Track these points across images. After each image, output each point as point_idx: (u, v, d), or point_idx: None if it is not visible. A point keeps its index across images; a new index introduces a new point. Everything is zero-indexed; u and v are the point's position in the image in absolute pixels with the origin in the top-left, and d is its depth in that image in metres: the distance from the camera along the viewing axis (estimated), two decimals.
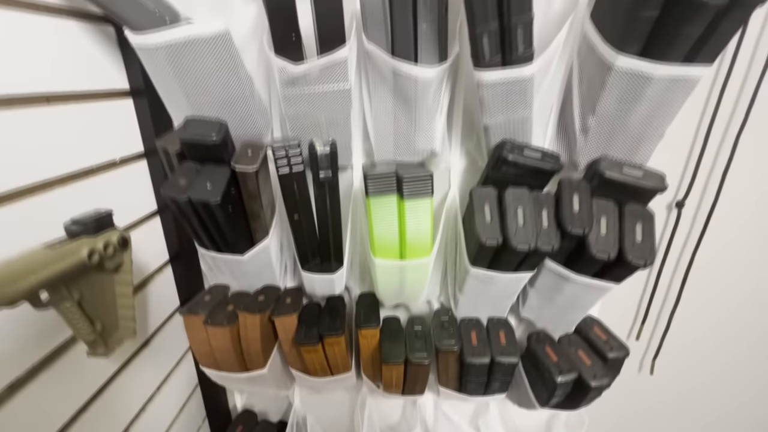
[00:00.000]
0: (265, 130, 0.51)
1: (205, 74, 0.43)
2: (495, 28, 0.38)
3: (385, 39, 0.43)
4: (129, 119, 0.53)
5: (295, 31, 0.41)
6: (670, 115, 0.42)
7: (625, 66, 0.39)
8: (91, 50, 0.46)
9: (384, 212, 0.44)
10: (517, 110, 0.43)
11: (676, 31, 0.36)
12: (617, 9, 0.38)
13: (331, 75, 0.44)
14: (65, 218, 0.39)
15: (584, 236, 0.43)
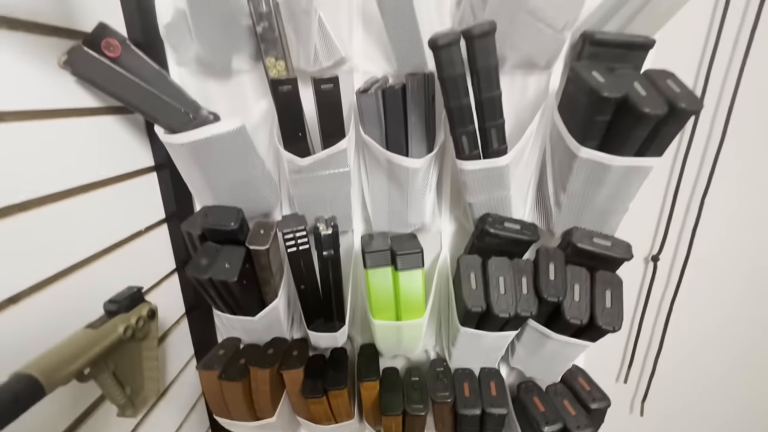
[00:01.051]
0: (274, 204, 0.57)
1: (222, 162, 0.50)
2: (472, 129, 0.44)
3: (379, 131, 0.50)
4: (153, 191, 0.59)
5: (301, 131, 0.48)
6: (631, 194, 0.48)
7: (587, 156, 0.45)
8: (124, 138, 0.53)
9: (381, 281, 0.50)
10: (496, 191, 0.49)
11: (626, 133, 0.42)
12: (577, 110, 0.45)
13: (332, 162, 0.50)
14: (100, 289, 0.45)
15: (559, 303, 0.48)
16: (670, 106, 0.39)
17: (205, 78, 0.55)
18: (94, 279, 0.47)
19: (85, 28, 0.47)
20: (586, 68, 0.44)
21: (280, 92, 0.45)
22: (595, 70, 0.43)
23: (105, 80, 0.46)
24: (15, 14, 0.39)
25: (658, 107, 0.39)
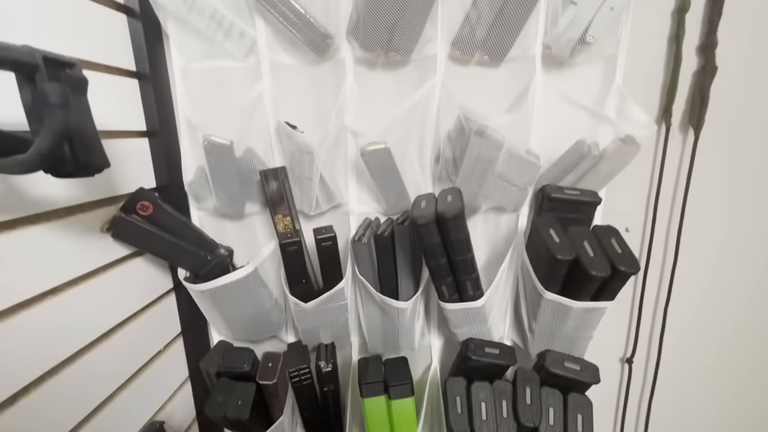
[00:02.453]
0: (280, 328, 0.64)
1: (236, 301, 0.57)
2: (450, 280, 0.52)
3: (372, 271, 0.57)
4: (172, 311, 0.66)
5: (305, 277, 0.56)
6: (593, 325, 0.55)
7: (551, 298, 0.52)
8: (147, 278, 0.61)
9: (376, 408, 0.56)
10: (475, 325, 0.56)
11: (581, 284, 0.50)
12: (540, 259, 0.53)
13: (332, 298, 0.57)
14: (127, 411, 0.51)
15: (535, 428, 0.53)
16: (613, 269, 0.47)
17: (221, 219, 0.63)
18: (123, 404, 0.53)
19: (125, 191, 0.56)
20: (545, 225, 0.52)
21: (286, 250, 0.54)
22: (552, 228, 0.52)
23: (139, 239, 0.55)
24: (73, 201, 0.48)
25: (602, 269, 0.47)
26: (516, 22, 0.52)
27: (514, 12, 0.51)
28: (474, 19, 0.53)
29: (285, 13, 0.53)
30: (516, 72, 0.56)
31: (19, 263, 0.42)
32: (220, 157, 0.54)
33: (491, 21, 0.52)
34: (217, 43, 0.56)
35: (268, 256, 0.60)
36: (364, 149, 0.53)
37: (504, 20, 0.52)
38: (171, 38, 0.57)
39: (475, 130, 0.49)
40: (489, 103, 0.58)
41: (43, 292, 0.44)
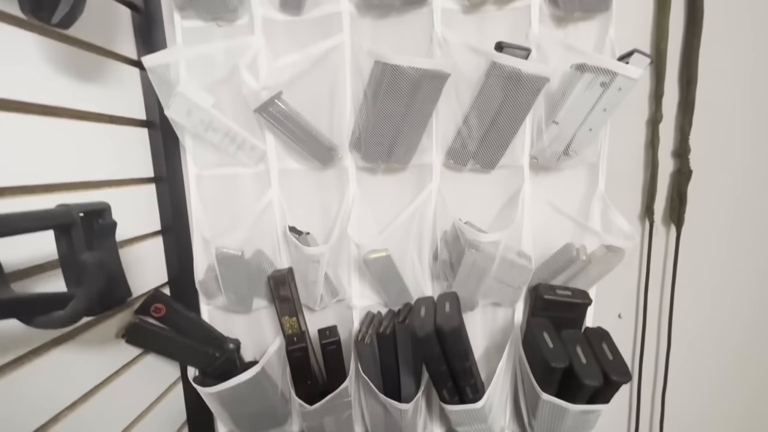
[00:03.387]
0: (285, 419, 0.65)
1: (243, 399, 0.59)
2: (451, 385, 0.54)
3: (375, 368, 0.59)
4: (178, 401, 0.67)
5: (310, 379, 0.58)
6: (591, 424, 0.56)
7: (548, 399, 0.54)
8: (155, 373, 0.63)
9: None
10: (476, 424, 0.57)
11: (575, 390, 0.52)
12: (536, 363, 0.55)
13: (336, 396, 0.59)
14: None
15: None
16: (605, 377, 0.49)
17: (230, 313, 0.66)
18: None
19: (139, 292, 0.59)
20: (539, 328, 0.55)
21: (293, 356, 0.56)
22: (546, 331, 0.54)
23: (151, 343, 0.57)
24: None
25: (595, 379, 0.49)
26: (504, 138, 0.57)
27: (501, 130, 0.56)
28: (465, 134, 0.58)
29: (293, 130, 0.58)
30: (506, 178, 0.61)
31: (43, 386, 0.44)
32: (230, 265, 0.58)
33: (481, 137, 0.57)
34: (230, 154, 0.61)
35: (275, 352, 0.62)
36: (367, 257, 0.57)
37: (493, 136, 0.57)
38: (187, 150, 0.61)
39: (470, 242, 0.53)
40: (482, 205, 0.62)
41: (60, 411, 0.46)
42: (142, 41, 0.60)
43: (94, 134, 0.52)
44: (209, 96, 0.57)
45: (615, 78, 0.51)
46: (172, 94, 0.55)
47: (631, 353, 0.70)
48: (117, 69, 0.56)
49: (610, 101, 0.53)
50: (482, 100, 0.56)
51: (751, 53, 0.60)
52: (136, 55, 0.60)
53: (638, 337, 0.69)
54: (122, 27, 0.58)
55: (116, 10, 0.57)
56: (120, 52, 0.57)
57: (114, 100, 0.56)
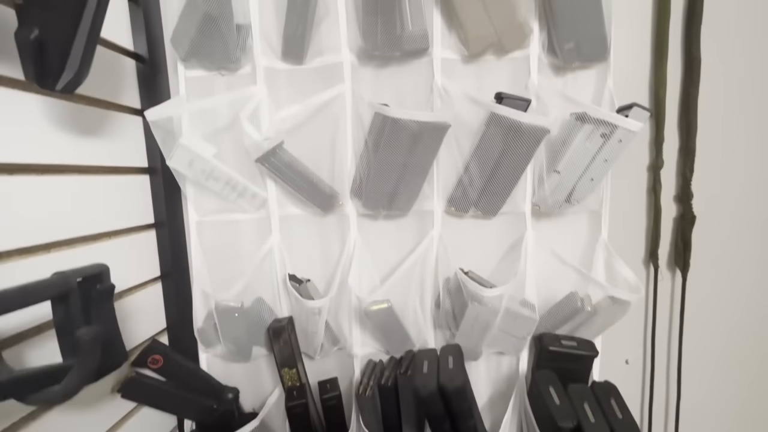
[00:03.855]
0: None
1: None
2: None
3: (376, 421, 0.58)
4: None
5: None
6: None
7: None
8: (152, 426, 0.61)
9: None
10: None
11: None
12: (543, 419, 0.53)
13: None
14: None
15: None
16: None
17: (228, 362, 0.65)
18: None
19: (137, 342, 0.58)
20: (545, 382, 0.53)
21: (292, 412, 0.55)
22: (552, 385, 0.53)
23: (147, 398, 0.56)
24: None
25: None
26: (505, 186, 0.57)
27: (502, 178, 0.56)
28: (466, 182, 0.58)
29: (293, 179, 0.58)
30: (508, 224, 0.60)
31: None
32: (230, 317, 0.57)
33: (482, 185, 0.57)
34: (231, 201, 0.61)
35: (274, 404, 0.61)
36: (368, 309, 0.56)
37: (494, 185, 0.57)
38: (188, 197, 0.61)
39: (472, 296, 0.52)
40: (484, 251, 0.62)
41: None
42: (146, 90, 0.61)
43: (95, 187, 0.52)
44: (211, 146, 0.58)
45: (615, 130, 0.51)
46: (174, 145, 0.56)
47: (639, 400, 0.68)
48: (120, 120, 0.57)
49: (611, 152, 0.53)
50: (483, 149, 0.56)
51: (750, 101, 0.61)
52: (139, 105, 0.61)
53: (647, 384, 0.67)
54: (126, 78, 0.59)
55: (121, 63, 0.58)
56: (123, 102, 0.58)
57: (116, 151, 0.56)
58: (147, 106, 0.60)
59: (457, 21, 0.56)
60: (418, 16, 0.55)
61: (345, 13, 0.58)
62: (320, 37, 0.59)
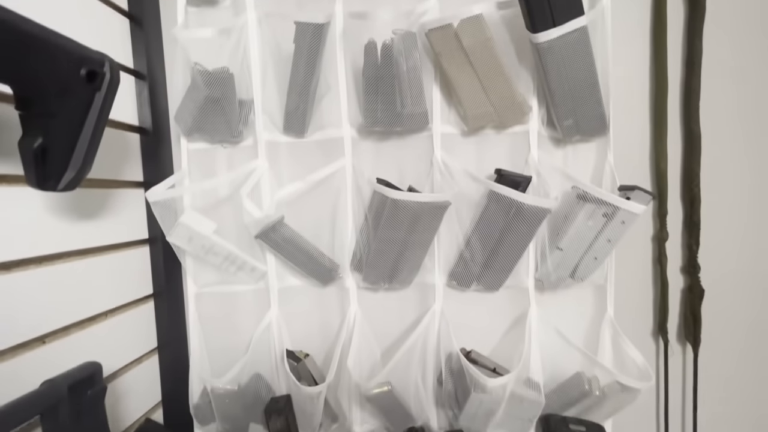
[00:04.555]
0: None
1: None
2: None
3: None
4: None
5: None
6: None
7: None
8: None
9: None
10: None
11: None
12: None
13: None
14: None
15: None
16: None
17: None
18: None
19: (131, 420, 0.56)
20: None
21: None
22: None
23: None
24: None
25: None
26: (507, 262, 0.56)
27: (504, 255, 0.55)
28: (468, 257, 0.57)
29: (293, 253, 0.58)
30: (511, 298, 0.59)
31: None
32: (226, 400, 0.55)
33: (484, 261, 0.56)
34: (231, 274, 0.60)
35: None
36: (368, 393, 0.54)
37: (496, 261, 0.56)
38: (187, 270, 0.61)
39: (476, 384, 0.50)
40: (487, 325, 0.60)
41: None
42: (149, 162, 0.62)
43: (96, 268, 0.52)
44: (210, 222, 0.58)
45: (618, 211, 0.51)
46: (174, 223, 0.56)
47: None
48: (122, 195, 0.57)
49: (614, 233, 0.52)
50: (484, 224, 0.56)
51: (752, 172, 0.60)
52: (142, 177, 0.61)
53: None
54: (130, 152, 0.60)
55: (124, 138, 0.59)
56: (126, 177, 0.58)
57: (118, 227, 0.56)
58: (150, 177, 0.61)
59: (456, 98, 0.57)
60: (419, 96, 0.56)
61: (346, 91, 0.59)
62: (321, 112, 0.60)
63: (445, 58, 0.54)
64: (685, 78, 0.58)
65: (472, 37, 0.52)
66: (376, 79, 0.54)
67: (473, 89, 0.55)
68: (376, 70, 0.54)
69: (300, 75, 0.56)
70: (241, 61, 0.59)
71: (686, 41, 0.58)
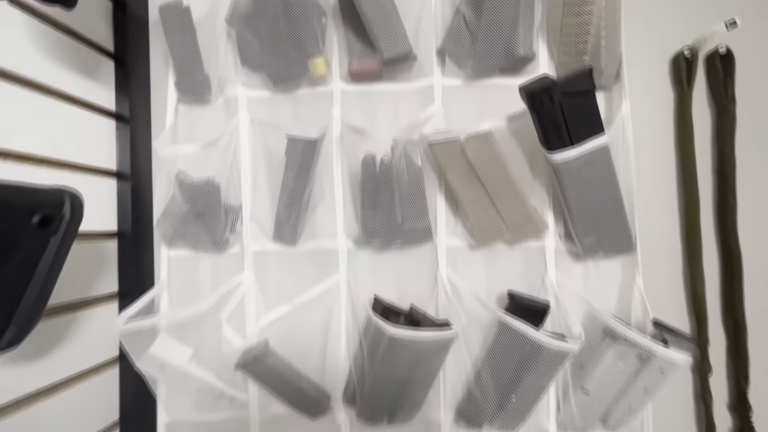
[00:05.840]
0: None
1: None
2: None
3: None
4: None
5: None
6: None
7: None
8: None
9: None
10: None
11: None
12: None
13: None
14: None
15: None
16: None
17: None
18: None
19: None
20: None
21: None
22: None
23: None
24: None
25: None
26: (523, 403, 0.48)
27: (520, 395, 0.48)
28: (478, 395, 0.49)
29: (278, 386, 0.51)
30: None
31: None
32: None
33: (497, 400, 0.48)
34: (207, 402, 0.53)
35: None
36: None
37: (510, 401, 0.48)
38: (159, 398, 0.54)
39: None
40: None
41: None
42: (127, 271, 0.56)
43: (60, 405, 0.45)
44: (186, 349, 0.51)
45: (654, 356, 0.43)
46: (144, 352, 0.49)
47: None
48: (91, 314, 0.51)
49: (652, 381, 0.44)
50: (495, 357, 0.49)
51: None
52: (117, 287, 0.56)
53: None
54: (105, 261, 0.55)
55: (97, 248, 0.54)
56: (97, 292, 0.53)
57: (87, 351, 0.50)
58: (126, 288, 0.56)
59: (463, 212, 0.51)
60: (421, 210, 0.50)
61: (342, 200, 0.54)
62: (315, 219, 0.55)
63: (450, 172, 0.50)
64: (719, 191, 0.52)
65: (481, 154, 0.47)
66: (374, 193, 0.50)
67: (482, 205, 0.50)
68: (375, 184, 0.49)
69: (291, 187, 0.51)
70: (231, 165, 0.55)
71: (716, 151, 0.53)
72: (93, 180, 0.53)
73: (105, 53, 0.57)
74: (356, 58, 0.53)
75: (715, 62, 0.52)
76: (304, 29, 0.50)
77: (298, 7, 0.49)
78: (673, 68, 0.54)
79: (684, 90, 0.52)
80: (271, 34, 0.51)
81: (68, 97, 0.50)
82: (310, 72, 0.52)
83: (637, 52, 0.53)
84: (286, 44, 0.51)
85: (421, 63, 0.53)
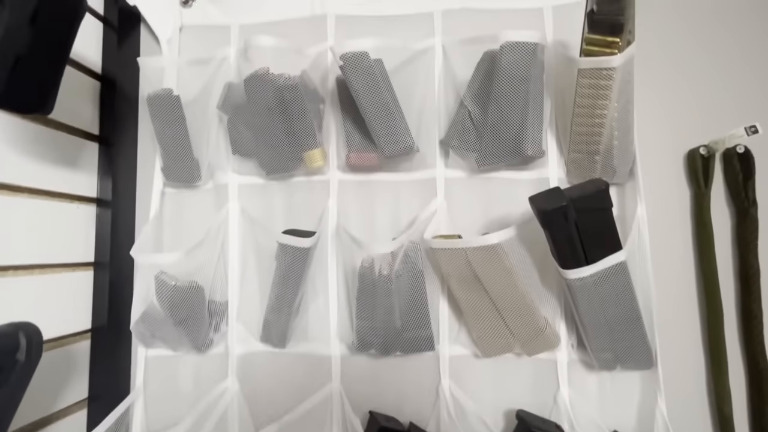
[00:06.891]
0: None
1: None
2: None
3: None
4: None
5: None
6: None
7: None
8: None
9: None
10: None
11: None
12: None
13: None
14: None
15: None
16: None
17: None
18: None
19: None
20: None
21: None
22: None
23: None
24: None
25: None
26: None
27: None
28: None
29: None
30: None
31: None
32: None
33: None
34: None
35: None
36: None
37: None
38: None
39: None
40: None
41: None
42: (99, 374, 0.51)
43: None
44: None
45: None
46: None
47: None
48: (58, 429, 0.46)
49: None
50: None
51: None
52: (87, 392, 0.51)
53: None
54: (77, 364, 0.50)
55: (68, 351, 0.49)
56: (66, 402, 0.48)
57: None
58: (96, 392, 0.51)
59: (467, 322, 0.47)
60: (423, 317, 0.46)
61: (336, 303, 0.50)
62: (307, 320, 0.51)
63: (454, 280, 0.46)
64: (742, 300, 0.48)
65: (487, 266, 0.44)
66: (371, 306, 0.46)
67: (488, 316, 0.46)
68: (372, 295, 0.45)
69: (280, 292, 0.47)
70: (218, 258, 0.51)
71: (738, 255, 0.49)
72: (66, 277, 0.49)
73: (88, 136, 0.53)
74: (355, 151, 0.50)
75: (733, 161, 0.49)
76: (300, 124, 0.47)
77: (295, 102, 0.46)
78: (688, 165, 0.51)
79: (701, 191, 0.49)
80: (265, 129, 0.48)
81: (43, 192, 0.46)
82: (306, 163, 0.49)
83: (651, 149, 0.50)
84: (281, 138, 0.48)
85: (423, 154, 0.50)
